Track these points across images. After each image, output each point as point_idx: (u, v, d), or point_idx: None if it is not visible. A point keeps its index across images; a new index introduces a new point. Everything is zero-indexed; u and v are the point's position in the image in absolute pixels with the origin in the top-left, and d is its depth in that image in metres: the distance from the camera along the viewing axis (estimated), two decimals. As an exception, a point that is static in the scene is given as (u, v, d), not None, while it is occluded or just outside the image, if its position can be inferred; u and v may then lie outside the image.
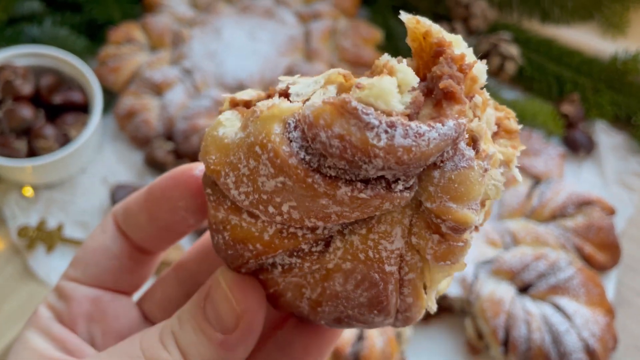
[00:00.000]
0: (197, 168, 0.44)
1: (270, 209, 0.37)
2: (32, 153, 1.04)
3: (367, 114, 0.33)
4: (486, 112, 0.38)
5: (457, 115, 0.35)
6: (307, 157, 0.35)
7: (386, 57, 0.37)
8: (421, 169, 0.35)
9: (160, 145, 1.07)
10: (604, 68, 1.12)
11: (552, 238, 0.92)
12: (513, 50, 1.05)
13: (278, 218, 0.37)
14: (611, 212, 0.96)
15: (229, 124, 0.39)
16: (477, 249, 0.92)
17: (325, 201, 0.35)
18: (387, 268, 0.38)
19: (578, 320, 0.85)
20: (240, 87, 1.11)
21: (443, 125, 0.34)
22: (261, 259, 0.40)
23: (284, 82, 0.40)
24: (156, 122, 1.10)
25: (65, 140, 1.05)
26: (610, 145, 1.09)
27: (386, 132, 0.33)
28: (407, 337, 0.89)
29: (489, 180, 0.37)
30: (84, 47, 1.19)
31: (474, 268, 0.91)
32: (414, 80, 0.35)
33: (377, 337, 0.85)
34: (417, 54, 0.38)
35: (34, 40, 1.20)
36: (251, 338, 0.40)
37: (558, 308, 0.87)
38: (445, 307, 0.93)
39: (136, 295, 0.51)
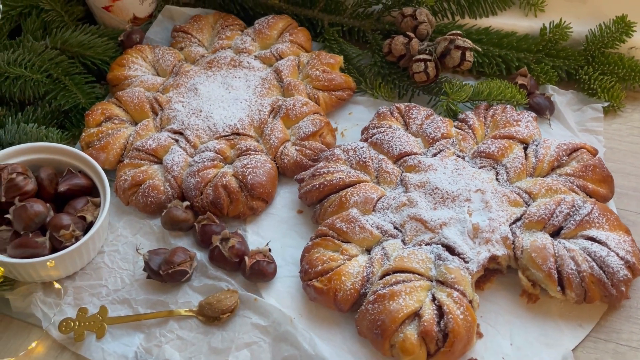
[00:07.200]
0: None
1: None
2: (53, 247, 1.01)
3: None
4: None
5: None
6: None
7: None
8: None
9: (176, 205, 1.09)
10: (538, 41, 1.28)
11: (560, 185, 1.05)
12: (469, 41, 1.19)
13: None
14: (595, 152, 1.11)
15: None
16: (504, 212, 1.03)
17: None
18: None
19: (612, 244, 0.97)
20: (235, 133, 1.16)
21: None
22: None
23: None
24: (163, 185, 1.11)
25: (83, 225, 1.04)
26: (564, 102, 1.25)
27: None
28: (478, 304, 0.96)
29: None
30: (58, 137, 1.17)
31: (509, 228, 1.01)
32: None
33: (455, 309, 0.92)
34: None
35: (1, 144, 1.17)
36: None
37: (592, 239, 0.99)
38: (494, 269, 1.02)
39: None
